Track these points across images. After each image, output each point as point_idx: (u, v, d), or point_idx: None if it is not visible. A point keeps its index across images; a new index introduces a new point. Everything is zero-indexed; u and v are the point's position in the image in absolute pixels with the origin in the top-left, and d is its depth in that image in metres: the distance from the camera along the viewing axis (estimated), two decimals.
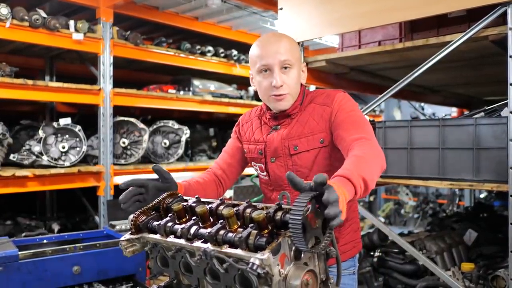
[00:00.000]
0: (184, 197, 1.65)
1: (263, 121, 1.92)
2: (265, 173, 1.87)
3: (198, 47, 5.60)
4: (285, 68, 1.75)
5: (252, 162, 1.94)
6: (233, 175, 2.05)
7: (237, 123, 2.07)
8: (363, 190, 1.40)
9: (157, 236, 1.49)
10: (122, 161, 4.97)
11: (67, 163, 4.38)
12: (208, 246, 1.30)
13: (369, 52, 3.14)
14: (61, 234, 3.42)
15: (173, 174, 1.79)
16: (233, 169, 2.03)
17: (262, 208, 1.37)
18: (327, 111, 1.75)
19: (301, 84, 1.87)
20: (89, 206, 5.34)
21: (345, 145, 1.63)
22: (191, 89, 5.73)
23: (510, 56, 2.37)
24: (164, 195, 1.63)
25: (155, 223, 1.52)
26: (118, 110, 4.94)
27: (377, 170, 1.50)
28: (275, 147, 1.80)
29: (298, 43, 3.25)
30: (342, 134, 1.66)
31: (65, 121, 4.45)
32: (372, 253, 3.64)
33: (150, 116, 6.24)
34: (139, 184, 1.66)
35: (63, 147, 4.35)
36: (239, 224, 1.35)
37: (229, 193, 3.99)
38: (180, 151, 5.45)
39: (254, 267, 1.15)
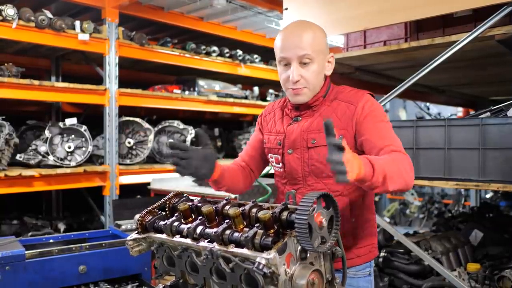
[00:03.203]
0: (190, 197, 1.66)
1: (285, 112, 1.89)
2: (280, 165, 1.84)
3: (203, 47, 5.61)
4: (304, 63, 1.70)
5: (269, 154, 1.90)
6: (257, 167, 2.03)
7: (260, 114, 2.05)
8: (381, 182, 1.42)
9: (163, 236, 1.50)
10: (128, 161, 4.98)
11: (73, 163, 4.40)
12: (214, 245, 1.30)
13: (374, 52, 3.13)
14: (67, 233, 3.43)
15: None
16: (255, 161, 2.02)
17: (268, 208, 1.37)
18: (351, 109, 1.71)
19: (327, 76, 1.83)
20: (95, 205, 5.36)
21: (377, 151, 1.62)
22: (196, 89, 5.74)
23: None
24: (170, 195, 1.63)
25: (161, 222, 1.53)
26: (123, 110, 4.96)
27: (400, 179, 1.51)
28: (294, 139, 1.78)
29: None
30: (375, 141, 1.63)
31: (71, 121, 4.48)
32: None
33: (155, 116, 6.26)
34: (184, 147, 1.63)
35: (69, 147, 4.37)
36: (245, 223, 1.35)
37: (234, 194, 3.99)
38: None
39: (260, 267, 1.16)
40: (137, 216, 1.58)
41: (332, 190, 1.69)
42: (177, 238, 1.44)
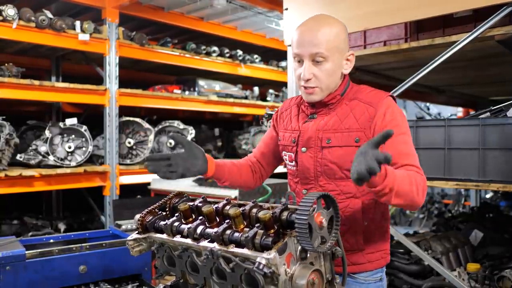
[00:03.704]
0: (190, 197, 1.66)
1: (302, 109, 1.84)
2: (293, 163, 1.79)
3: (203, 47, 5.62)
4: (317, 61, 1.63)
5: (283, 152, 1.86)
6: (269, 164, 2.01)
7: (276, 110, 2.00)
8: (386, 193, 1.38)
9: (164, 236, 1.50)
10: (128, 161, 4.99)
11: (73, 163, 4.40)
12: (215, 245, 1.30)
13: (374, 52, 3.13)
14: (67, 233, 3.43)
15: None
16: (267, 159, 1.99)
17: (268, 208, 1.38)
18: (371, 111, 1.64)
19: (345, 75, 1.75)
20: (95, 205, 5.36)
21: (393, 166, 1.54)
22: (196, 89, 5.75)
23: None
24: (171, 195, 1.64)
25: (162, 222, 1.53)
26: (123, 110, 4.96)
27: (407, 197, 1.46)
28: (309, 137, 1.73)
29: None
30: (394, 156, 1.49)
31: (71, 121, 4.48)
32: None
33: (156, 116, 6.27)
34: (161, 157, 1.66)
35: (69, 147, 4.37)
36: (245, 224, 1.36)
37: (234, 193, 4.00)
38: None
39: (261, 267, 1.16)
40: (137, 216, 1.58)
41: (344, 192, 1.66)
42: (178, 238, 1.45)
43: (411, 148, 1.63)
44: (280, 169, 2.37)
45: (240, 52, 6.03)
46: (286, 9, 3.30)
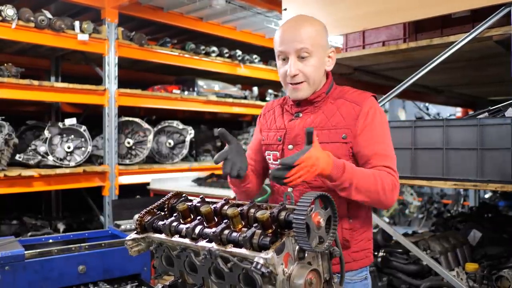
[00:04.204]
0: (189, 197, 1.67)
1: (285, 109, 1.87)
2: (278, 162, 1.79)
3: (202, 47, 5.62)
4: (302, 57, 1.68)
5: (267, 151, 1.87)
6: (263, 169, 2.00)
7: (259, 114, 2.02)
8: (346, 187, 1.52)
9: (162, 236, 1.51)
10: (127, 161, 4.99)
11: (72, 163, 4.40)
12: (213, 245, 1.31)
13: (373, 53, 3.14)
14: (66, 233, 3.44)
15: (178, 174, 1.80)
16: (260, 164, 1.99)
17: (266, 208, 1.38)
18: (357, 110, 1.69)
19: (329, 73, 1.80)
20: (94, 206, 5.37)
21: (365, 161, 1.66)
22: (195, 89, 5.75)
23: None
24: (169, 195, 1.64)
25: (160, 222, 1.53)
26: (123, 111, 4.96)
27: (370, 194, 1.57)
28: (296, 134, 1.75)
29: None
30: (369, 156, 1.66)
31: (70, 122, 4.48)
32: (376, 253, 3.63)
33: (155, 116, 6.27)
34: (224, 157, 1.65)
35: (69, 147, 4.38)
36: (243, 224, 1.36)
37: (233, 193, 4.00)
38: (185, 151, 5.47)
39: (258, 266, 1.16)
40: (136, 216, 1.59)
41: (331, 189, 1.66)
42: (176, 238, 1.45)
43: (388, 148, 1.70)
44: None
45: (239, 52, 6.04)
46: (285, 9, 3.30)
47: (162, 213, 1.62)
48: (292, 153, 1.73)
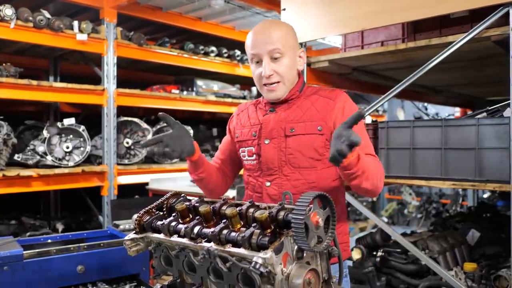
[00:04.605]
0: (188, 197, 1.67)
1: (259, 107, 1.93)
2: (253, 157, 1.84)
3: (201, 47, 5.62)
4: (275, 57, 1.75)
5: (241, 148, 1.91)
6: (230, 171, 2.04)
7: (231, 117, 2.07)
8: (359, 175, 1.53)
9: (161, 236, 1.51)
10: (126, 161, 4.99)
11: (71, 163, 4.40)
12: (212, 245, 1.31)
13: (372, 53, 3.14)
14: (65, 233, 3.43)
15: (177, 174, 1.81)
16: (227, 164, 2.03)
17: (265, 208, 1.38)
18: (331, 104, 1.75)
19: (300, 73, 1.88)
20: (93, 205, 5.36)
21: None
22: (194, 89, 5.75)
23: None
24: (168, 195, 1.64)
25: (159, 222, 1.54)
26: (121, 110, 4.96)
27: (374, 181, 1.62)
28: (271, 128, 1.79)
29: (301, 43, 3.27)
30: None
31: (69, 121, 4.48)
32: (374, 253, 3.64)
33: (154, 116, 6.27)
34: (156, 140, 1.72)
35: (67, 147, 4.37)
36: (242, 223, 1.36)
37: (232, 193, 4.00)
38: None
39: (257, 266, 1.17)
40: (135, 216, 1.59)
41: (308, 181, 1.73)
42: (175, 238, 1.45)
43: (367, 138, 1.78)
44: None
45: (238, 52, 6.03)
46: (284, 9, 3.31)
47: (161, 213, 1.62)
48: (268, 148, 1.79)
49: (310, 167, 1.74)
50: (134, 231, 1.59)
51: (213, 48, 5.76)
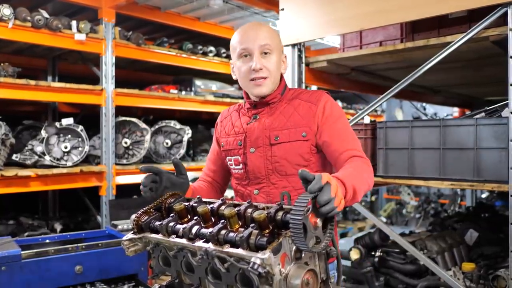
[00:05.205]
0: (186, 197, 1.67)
1: (242, 113, 1.93)
2: (240, 166, 1.85)
3: (200, 47, 5.62)
4: (265, 53, 1.77)
5: (227, 157, 1.91)
6: (223, 179, 2.06)
7: (216, 123, 2.07)
8: (351, 198, 1.46)
9: (159, 236, 1.51)
10: (124, 161, 4.98)
11: (69, 163, 4.39)
12: (210, 245, 1.31)
13: (370, 53, 3.15)
14: (63, 233, 3.43)
15: None
16: (220, 174, 2.04)
17: (263, 208, 1.38)
18: (313, 109, 1.76)
19: (282, 77, 1.90)
20: (91, 206, 5.35)
21: (337, 156, 1.69)
22: (192, 89, 5.75)
23: (511, 57, 2.38)
24: (166, 195, 1.64)
25: (157, 223, 1.53)
26: (120, 110, 4.95)
27: (365, 187, 1.58)
28: (256, 137, 1.80)
29: (300, 43, 3.28)
30: (334, 145, 1.71)
31: (67, 121, 4.47)
32: (373, 253, 3.64)
33: (152, 116, 6.26)
34: (156, 171, 1.70)
35: (66, 147, 4.37)
36: (240, 224, 1.36)
37: (230, 194, 4.00)
38: (182, 151, 5.46)
39: (255, 267, 1.17)
40: (133, 216, 1.58)
41: (296, 188, 1.73)
42: (173, 238, 1.45)
43: (352, 133, 1.78)
44: None
45: None
46: (282, 9, 3.31)
47: (159, 213, 1.62)
48: (254, 156, 1.79)
49: (297, 174, 1.71)
50: (132, 231, 1.59)
51: (212, 48, 5.76)
